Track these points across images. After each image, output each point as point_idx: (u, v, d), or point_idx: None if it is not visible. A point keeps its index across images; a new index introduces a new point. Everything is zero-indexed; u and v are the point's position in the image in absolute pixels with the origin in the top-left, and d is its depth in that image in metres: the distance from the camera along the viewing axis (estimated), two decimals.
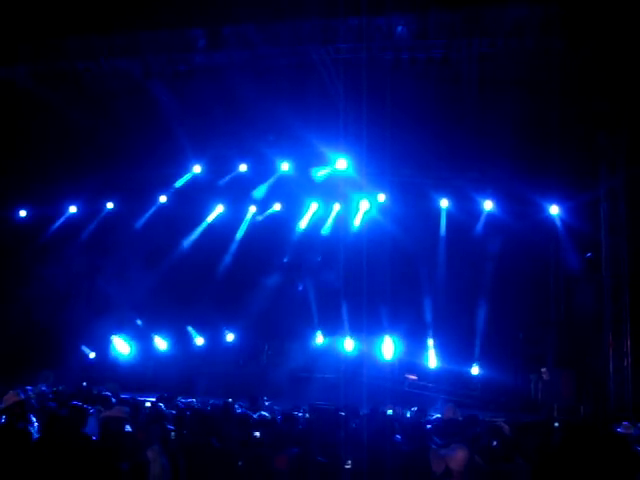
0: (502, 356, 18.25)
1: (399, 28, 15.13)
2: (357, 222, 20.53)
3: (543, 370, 17.84)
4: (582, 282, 17.27)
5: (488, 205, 19.13)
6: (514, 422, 9.63)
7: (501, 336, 18.35)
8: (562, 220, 18.24)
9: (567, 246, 18.22)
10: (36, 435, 6.81)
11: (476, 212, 19.38)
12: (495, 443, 7.24)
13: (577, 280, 17.65)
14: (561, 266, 18.76)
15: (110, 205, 21.84)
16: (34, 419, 7.56)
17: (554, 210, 18.26)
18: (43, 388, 14.26)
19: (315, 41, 15.58)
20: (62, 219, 21.68)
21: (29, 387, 12.60)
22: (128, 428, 6.96)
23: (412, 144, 17.86)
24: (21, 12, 15.81)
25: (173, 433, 7.19)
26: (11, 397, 9.14)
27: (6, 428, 6.92)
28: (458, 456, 6.04)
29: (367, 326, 19.07)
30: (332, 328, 20.07)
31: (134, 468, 5.19)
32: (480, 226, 19.20)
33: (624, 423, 9.85)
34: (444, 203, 19.76)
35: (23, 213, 21.24)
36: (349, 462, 6.34)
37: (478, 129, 16.68)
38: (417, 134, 17.25)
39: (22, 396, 9.54)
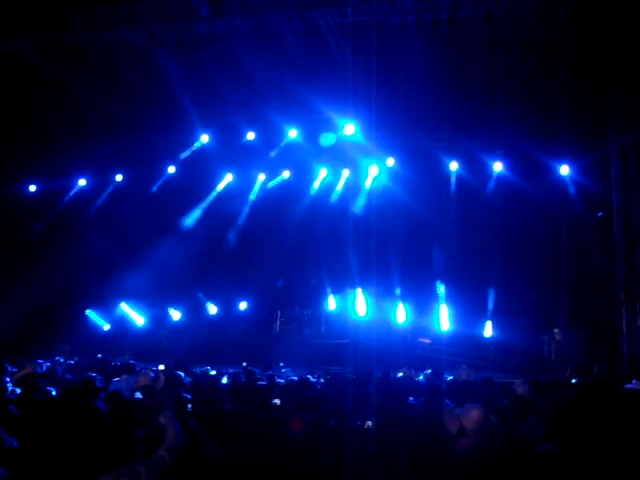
0: (515, 318, 18.28)
1: None
2: (367, 187, 20.49)
3: (556, 331, 17.86)
4: (594, 242, 17.20)
5: (498, 166, 19.06)
6: (529, 382, 9.68)
7: (513, 298, 18.36)
8: (573, 179, 18.15)
9: (578, 206, 18.15)
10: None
11: (486, 174, 19.32)
12: (507, 403, 7.28)
13: (589, 240, 17.59)
14: (572, 226, 18.71)
15: (119, 177, 21.87)
16: (53, 391, 7.65)
17: (565, 170, 18.16)
18: (60, 360, 14.44)
19: (320, 5, 15.41)
20: (72, 192, 21.75)
21: (41, 360, 12.76)
22: (138, 395, 7.04)
23: (420, 107, 17.77)
24: None
25: (189, 404, 7.25)
26: (24, 370, 9.28)
27: (22, 399, 7.01)
28: (472, 415, 6.08)
29: (379, 291, 19.14)
30: (344, 294, 20.13)
31: (149, 435, 5.24)
32: (490, 188, 19.15)
33: (634, 381, 9.86)
34: (454, 166, 19.69)
35: (33, 188, 21.29)
36: (368, 423, 6.39)
37: (487, 90, 16.53)
38: (425, 97, 17.12)
39: (37, 369, 9.69)
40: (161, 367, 11.51)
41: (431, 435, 6.29)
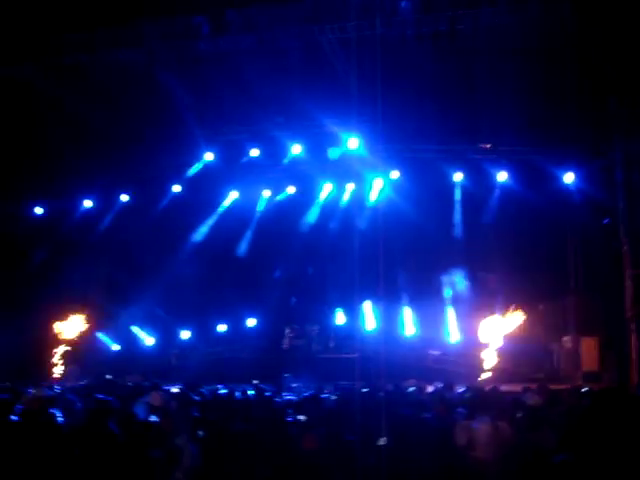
0: (524, 327, 18.22)
1: (403, 3, 14.97)
2: (372, 200, 20.50)
3: (565, 339, 17.82)
4: (600, 249, 17.16)
5: (502, 176, 19.05)
6: (539, 392, 9.65)
7: (521, 307, 18.31)
8: (578, 188, 18.13)
9: (584, 214, 18.14)
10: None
11: (491, 184, 19.31)
12: (520, 414, 7.26)
13: (595, 247, 17.54)
14: (579, 233, 18.70)
15: (124, 197, 21.90)
16: (59, 414, 7.61)
17: (569, 178, 18.15)
18: (70, 383, 14.44)
19: (320, 21, 15.46)
20: (78, 213, 21.77)
21: (54, 384, 12.75)
22: (154, 418, 7.03)
23: (423, 119, 17.82)
24: (23, 9, 15.75)
25: (202, 425, 7.23)
26: (32, 395, 9.26)
27: (28, 423, 6.96)
28: (483, 429, 6.07)
29: (387, 304, 19.10)
30: (352, 308, 20.11)
31: (165, 456, 5.23)
32: (495, 198, 19.15)
33: None
34: (458, 177, 19.68)
35: (39, 210, 21.33)
36: (384, 439, 6.35)
37: (489, 100, 16.54)
38: (428, 109, 17.17)
39: (47, 393, 9.68)
40: (174, 390, 11.48)
41: (443, 449, 6.27)
